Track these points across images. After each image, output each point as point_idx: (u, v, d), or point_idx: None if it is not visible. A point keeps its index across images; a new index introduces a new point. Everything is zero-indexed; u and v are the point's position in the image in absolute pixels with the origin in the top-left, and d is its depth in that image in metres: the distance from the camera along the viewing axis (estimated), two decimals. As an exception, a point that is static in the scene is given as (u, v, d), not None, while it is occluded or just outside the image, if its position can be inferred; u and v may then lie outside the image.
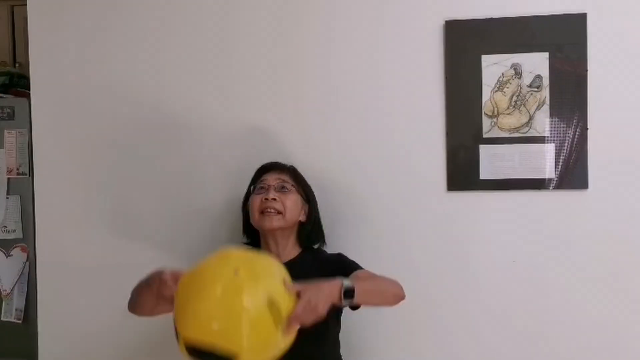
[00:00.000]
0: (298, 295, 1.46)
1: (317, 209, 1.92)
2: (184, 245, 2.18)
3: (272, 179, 1.84)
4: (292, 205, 1.82)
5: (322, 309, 1.47)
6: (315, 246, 1.94)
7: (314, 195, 1.92)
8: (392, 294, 1.71)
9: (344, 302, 1.53)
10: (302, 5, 2.11)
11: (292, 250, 1.87)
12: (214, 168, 2.16)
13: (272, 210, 1.79)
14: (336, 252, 1.94)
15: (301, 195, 1.87)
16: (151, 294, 1.55)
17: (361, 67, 2.09)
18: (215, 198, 2.16)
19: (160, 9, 2.19)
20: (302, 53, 2.12)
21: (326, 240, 1.96)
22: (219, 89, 2.16)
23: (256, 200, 1.82)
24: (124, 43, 2.21)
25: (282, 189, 1.82)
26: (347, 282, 1.54)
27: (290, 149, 2.08)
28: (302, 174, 1.94)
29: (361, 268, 1.80)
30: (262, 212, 1.80)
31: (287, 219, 1.81)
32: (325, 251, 1.94)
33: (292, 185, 1.84)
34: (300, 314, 1.44)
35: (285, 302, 1.45)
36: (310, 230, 1.89)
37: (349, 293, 1.53)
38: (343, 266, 1.80)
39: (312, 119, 2.12)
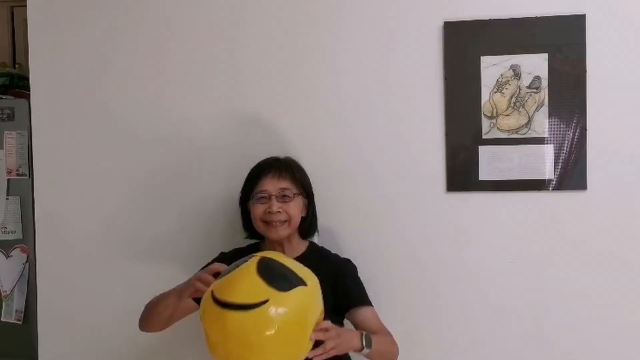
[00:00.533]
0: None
1: (314, 201, 1.91)
2: (184, 242, 2.18)
3: (272, 187, 1.81)
4: (295, 212, 1.82)
5: (343, 340, 1.56)
6: (315, 239, 1.94)
7: (311, 188, 1.91)
8: (392, 355, 1.76)
9: (364, 349, 1.62)
10: (301, 5, 2.11)
11: (297, 246, 1.87)
12: (212, 164, 2.16)
13: (277, 223, 1.79)
14: (341, 255, 1.93)
15: (302, 195, 1.86)
16: (174, 298, 1.67)
17: (360, 68, 2.09)
18: (215, 193, 2.15)
19: (160, 8, 2.18)
20: (300, 53, 2.12)
21: (325, 242, 1.96)
22: (218, 87, 2.16)
23: (258, 210, 1.81)
24: (124, 43, 2.21)
25: (283, 198, 1.81)
26: (365, 334, 1.64)
27: (288, 150, 2.08)
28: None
29: (368, 302, 1.81)
30: (267, 222, 1.80)
31: (292, 225, 1.82)
32: (329, 251, 1.93)
33: (293, 192, 1.83)
34: (325, 327, 1.51)
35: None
36: (310, 223, 1.90)
37: (367, 341, 1.62)
38: (348, 284, 1.81)
39: (310, 119, 2.12)
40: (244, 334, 1.40)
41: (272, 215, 1.79)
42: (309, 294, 1.49)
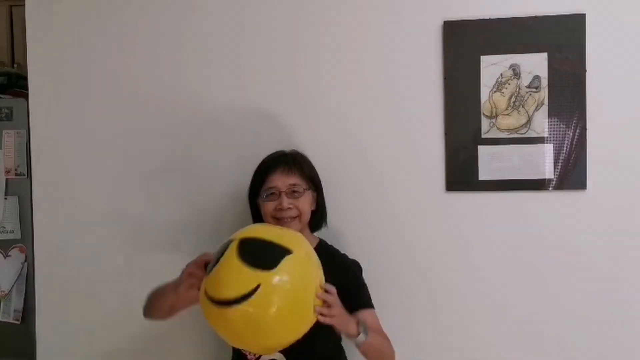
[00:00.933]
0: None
1: (323, 194, 1.91)
2: (188, 243, 2.17)
3: (281, 183, 1.80)
4: (305, 207, 1.82)
5: (337, 312, 1.56)
6: (321, 234, 1.94)
7: (320, 181, 1.91)
8: (389, 358, 1.76)
9: (360, 334, 1.62)
10: (304, 4, 2.11)
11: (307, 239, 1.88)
12: (219, 159, 2.15)
13: (288, 219, 1.79)
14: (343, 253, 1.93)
15: (311, 189, 1.85)
16: (172, 292, 1.67)
17: (360, 67, 2.09)
18: (222, 188, 2.15)
19: (161, 5, 2.18)
20: (302, 51, 2.12)
21: (326, 242, 1.95)
22: (225, 81, 2.15)
23: (269, 207, 1.80)
24: (123, 42, 2.20)
25: (293, 194, 1.80)
26: (362, 322, 1.65)
27: (288, 148, 2.08)
28: None
29: (369, 305, 1.81)
30: (278, 219, 1.80)
31: (303, 221, 1.82)
32: (338, 250, 1.93)
33: (302, 187, 1.82)
34: (329, 288, 1.55)
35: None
36: (320, 216, 1.91)
37: (364, 328, 1.64)
38: (351, 284, 1.80)
39: (310, 119, 2.11)
40: (249, 323, 1.44)
41: (282, 212, 1.78)
42: (297, 260, 1.50)
